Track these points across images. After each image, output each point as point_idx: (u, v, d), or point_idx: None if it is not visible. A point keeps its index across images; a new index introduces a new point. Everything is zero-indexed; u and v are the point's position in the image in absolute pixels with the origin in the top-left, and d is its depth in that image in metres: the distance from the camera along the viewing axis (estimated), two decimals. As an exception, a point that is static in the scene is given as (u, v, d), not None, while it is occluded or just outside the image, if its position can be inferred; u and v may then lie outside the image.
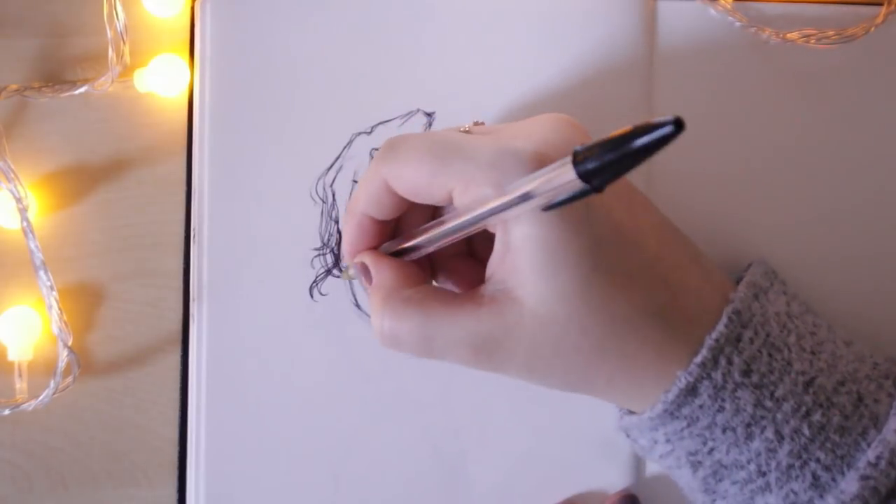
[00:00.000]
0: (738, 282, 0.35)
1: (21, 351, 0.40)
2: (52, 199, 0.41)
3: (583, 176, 0.26)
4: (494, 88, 0.41)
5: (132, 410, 0.41)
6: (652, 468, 0.41)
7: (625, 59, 0.42)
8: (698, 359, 0.32)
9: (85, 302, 0.41)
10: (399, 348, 0.33)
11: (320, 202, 0.41)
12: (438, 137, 0.33)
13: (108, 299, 0.41)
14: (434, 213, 0.37)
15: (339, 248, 0.41)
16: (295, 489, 0.40)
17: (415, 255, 0.35)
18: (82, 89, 0.41)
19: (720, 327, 0.32)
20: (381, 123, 0.41)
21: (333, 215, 0.41)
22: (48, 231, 0.41)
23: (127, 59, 0.40)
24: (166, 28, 0.42)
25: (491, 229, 0.33)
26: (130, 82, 0.41)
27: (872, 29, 0.42)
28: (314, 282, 0.41)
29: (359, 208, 0.35)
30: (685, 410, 0.32)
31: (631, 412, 0.35)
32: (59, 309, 0.39)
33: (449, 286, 0.37)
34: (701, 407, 0.32)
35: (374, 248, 0.36)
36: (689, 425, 0.33)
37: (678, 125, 0.23)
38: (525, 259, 0.31)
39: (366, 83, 0.41)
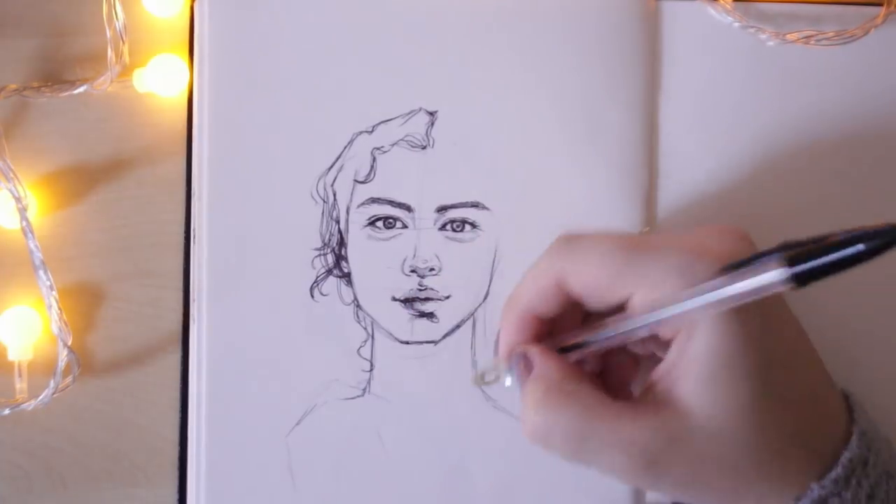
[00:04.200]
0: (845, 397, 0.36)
1: (21, 351, 0.40)
2: (52, 199, 0.41)
3: (795, 277, 0.26)
4: (496, 87, 0.41)
5: (132, 410, 0.41)
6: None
7: (626, 59, 0.42)
8: (833, 474, 0.31)
9: (85, 302, 0.41)
10: (548, 444, 0.32)
11: (321, 202, 0.41)
12: (621, 239, 0.32)
13: (108, 299, 0.41)
14: (585, 314, 0.36)
15: (339, 248, 0.41)
16: (295, 489, 0.40)
17: (578, 354, 0.34)
18: (81, 89, 0.40)
19: (853, 447, 0.32)
20: (382, 122, 0.41)
21: (334, 215, 0.41)
22: (48, 231, 0.41)
23: (126, 58, 0.40)
24: (166, 28, 0.42)
25: (664, 335, 0.32)
26: (130, 82, 0.41)
27: (872, 29, 0.42)
28: (315, 282, 0.41)
29: (522, 304, 0.34)
30: None
31: None
32: (59, 309, 0.39)
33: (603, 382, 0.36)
34: None
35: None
36: None
37: None
38: (701, 368, 0.30)
39: (367, 82, 0.41)
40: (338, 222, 0.41)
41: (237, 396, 0.40)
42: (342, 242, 0.41)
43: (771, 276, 0.27)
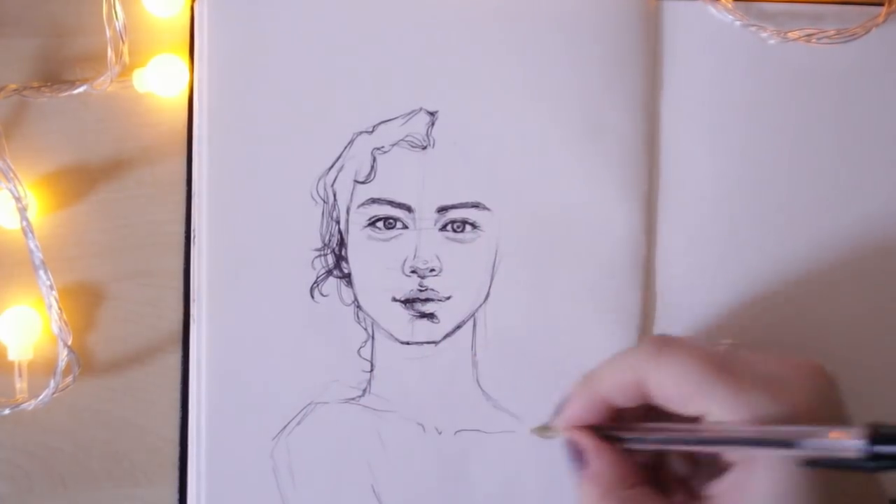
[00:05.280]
0: None
1: (21, 351, 0.40)
2: (52, 199, 0.41)
3: (872, 456, 0.27)
4: (496, 88, 0.41)
5: (132, 410, 0.41)
6: None
7: (627, 58, 0.42)
8: None
9: (85, 302, 0.41)
10: None
11: (321, 202, 0.41)
12: (708, 356, 0.33)
13: (108, 299, 0.41)
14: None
15: (339, 249, 0.41)
16: (295, 489, 0.40)
17: (638, 447, 0.35)
18: (81, 89, 0.40)
19: None
20: (382, 122, 0.41)
21: (334, 215, 0.41)
22: (48, 231, 0.41)
23: (126, 58, 0.40)
24: (165, 28, 0.42)
25: (727, 456, 0.33)
26: (129, 82, 0.41)
27: (874, 28, 0.42)
28: (315, 282, 0.41)
29: (600, 390, 0.35)
30: None
31: None
32: (59, 308, 0.39)
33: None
34: None
35: (593, 427, 0.35)
36: None
37: None
38: (754, 501, 0.31)
39: (367, 82, 0.41)
40: (338, 223, 0.41)
41: (237, 396, 0.40)
42: (342, 243, 0.41)
43: (847, 445, 0.28)
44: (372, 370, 0.41)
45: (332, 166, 0.41)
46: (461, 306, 0.41)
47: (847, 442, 0.28)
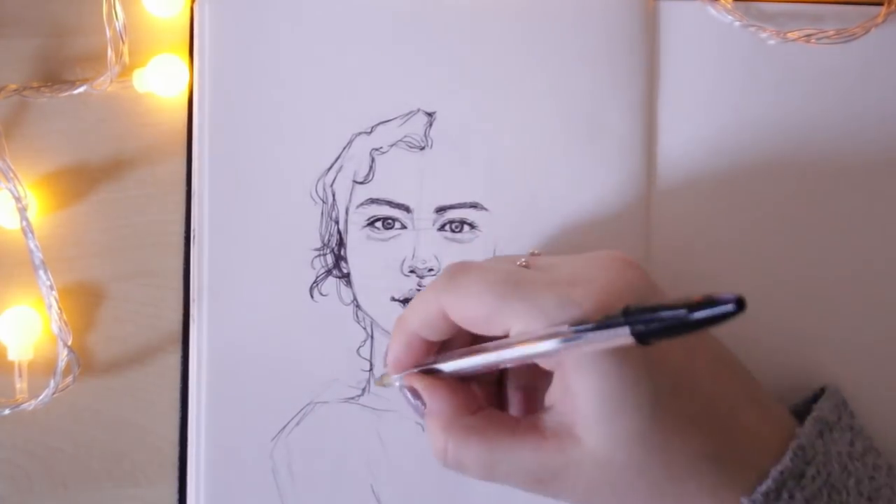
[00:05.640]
0: (801, 413, 0.36)
1: (21, 351, 0.40)
2: (52, 199, 0.41)
3: (637, 335, 0.27)
4: (495, 88, 0.41)
5: (132, 410, 0.41)
6: None
7: (625, 59, 0.42)
8: (763, 487, 0.32)
9: (85, 302, 0.41)
10: (463, 472, 0.34)
11: (320, 202, 0.41)
12: (500, 275, 0.33)
13: (108, 299, 0.41)
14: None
15: (338, 249, 0.41)
16: (294, 489, 0.40)
17: (455, 373, 0.35)
18: (81, 89, 0.40)
19: (785, 461, 0.32)
20: (381, 123, 0.41)
21: (333, 215, 0.41)
22: (48, 231, 0.41)
23: (126, 58, 0.40)
24: (165, 28, 0.42)
25: (545, 366, 0.33)
26: (129, 82, 0.41)
27: (873, 28, 0.42)
28: (314, 282, 0.41)
29: (410, 328, 0.35)
30: None
31: None
32: (59, 308, 0.39)
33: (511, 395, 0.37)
34: None
35: (422, 366, 0.36)
36: None
37: (740, 304, 0.24)
38: (584, 405, 0.31)
39: (365, 83, 0.41)
40: (337, 223, 0.41)
41: (237, 396, 0.40)
42: (341, 243, 0.41)
43: (614, 333, 0.28)
44: (371, 369, 0.41)
45: (331, 167, 0.41)
46: (460, 306, 0.41)
47: (620, 333, 0.28)
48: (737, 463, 0.33)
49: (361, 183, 0.41)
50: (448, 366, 0.35)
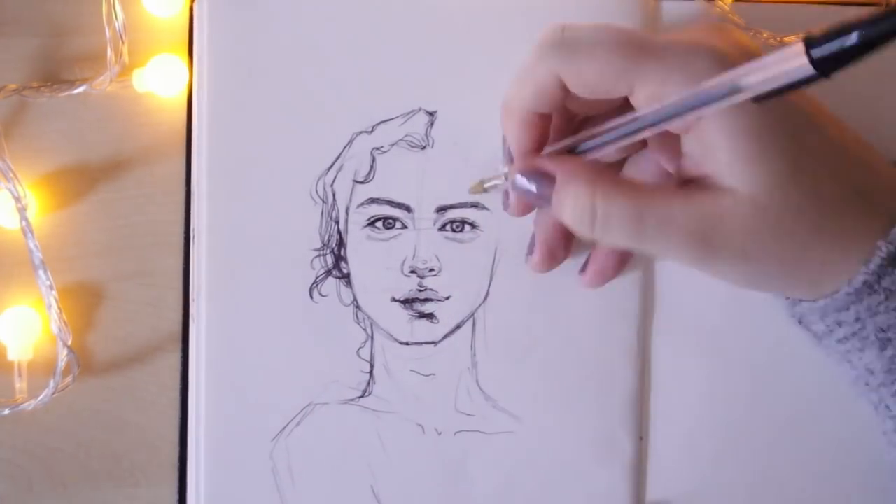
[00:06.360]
0: None
1: (21, 351, 0.40)
2: (52, 199, 0.41)
3: (816, 63, 0.26)
4: (496, 87, 0.41)
5: (132, 410, 0.41)
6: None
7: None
8: None
9: (85, 302, 0.41)
10: (608, 234, 0.32)
11: (320, 202, 0.41)
12: (622, 33, 0.32)
13: (108, 299, 0.41)
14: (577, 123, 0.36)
15: (338, 249, 0.41)
16: (294, 489, 0.40)
17: (595, 152, 0.34)
18: (81, 89, 0.40)
19: None
20: (381, 122, 0.41)
21: (334, 215, 0.41)
22: (48, 231, 0.41)
23: (125, 58, 0.40)
24: (165, 28, 0.42)
25: (675, 130, 0.32)
26: (129, 82, 0.41)
27: (872, 29, 0.42)
28: (314, 283, 0.41)
29: (524, 106, 0.34)
30: (885, 282, 0.32)
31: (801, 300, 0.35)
32: (59, 308, 0.39)
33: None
34: None
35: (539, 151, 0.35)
36: (886, 298, 0.33)
37: None
38: (732, 151, 0.31)
39: (366, 82, 0.41)
40: (337, 223, 0.41)
41: (237, 396, 0.40)
42: (341, 243, 0.41)
43: (791, 61, 0.27)
44: (371, 371, 0.41)
45: (331, 166, 0.41)
46: (460, 306, 0.41)
47: (788, 61, 0.27)
48: (880, 195, 0.33)
49: (362, 182, 0.41)
50: (590, 143, 0.34)
